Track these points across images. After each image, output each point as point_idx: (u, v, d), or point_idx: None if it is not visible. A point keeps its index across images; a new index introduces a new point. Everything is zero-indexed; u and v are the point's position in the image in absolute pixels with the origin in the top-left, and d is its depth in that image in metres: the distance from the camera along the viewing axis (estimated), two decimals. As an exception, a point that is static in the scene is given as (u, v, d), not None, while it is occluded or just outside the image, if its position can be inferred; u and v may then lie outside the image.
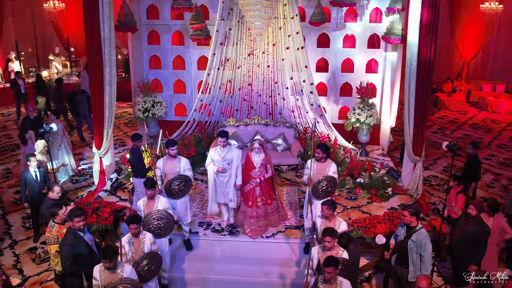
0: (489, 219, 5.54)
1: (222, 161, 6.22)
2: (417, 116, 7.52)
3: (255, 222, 6.33)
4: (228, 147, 6.30)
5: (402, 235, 5.09)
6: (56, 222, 5.17)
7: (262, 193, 6.34)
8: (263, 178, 6.24)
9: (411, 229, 4.97)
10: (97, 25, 7.24)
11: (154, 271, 4.78)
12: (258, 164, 6.23)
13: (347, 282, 4.13)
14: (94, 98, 7.76)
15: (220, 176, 6.28)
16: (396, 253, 5.13)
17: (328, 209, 5.03)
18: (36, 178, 6.73)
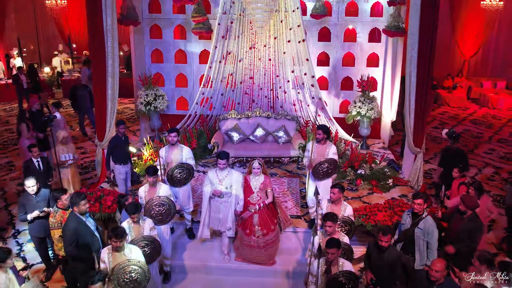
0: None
1: (219, 184, 5.61)
2: (417, 108, 7.55)
3: (249, 251, 5.80)
4: (228, 169, 5.69)
5: (408, 224, 5.11)
6: (59, 207, 5.23)
7: (261, 222, 5.70)
8: (262, 205, 5.64)
9: (417, 217, 5.01)
10: (100, 18, 7.30)
11: (151, 255, 4.82)
12: (256, 189, 5.66)
13: (348, 263, 4.18)
14: (96, 91, 7.81)
15: (216, 200, 5.69)
16: (402, 241, 5.16)
17: (339, 192, 5.09)
18: (39, 168, 6.78)
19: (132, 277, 4.29)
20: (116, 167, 6.84)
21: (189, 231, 6.34)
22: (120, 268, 4.24)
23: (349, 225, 5.12)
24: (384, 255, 4.55)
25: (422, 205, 4.91)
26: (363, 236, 6.24)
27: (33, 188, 5.53)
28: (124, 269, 4.25)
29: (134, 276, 4.29)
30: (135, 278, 4.30)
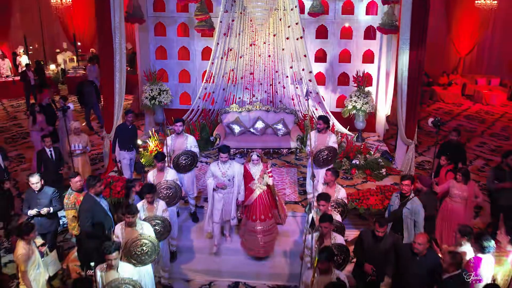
0: (464, 186, 6.02)
1: (222, 177, 5.93)
2: (409, 101, 7.96)
3: (263, 237, 6.04)
4: (229, 162, 6.01)
5: (397, 205, 5.51)
6: (73, 190, 5.63)
7: (264, 206, 6.07)
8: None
9: (405, 198, 5.41)
10: (108, 16, 7.72)
11: (162, 233, 5.23)
12: (256, 176, 6.01)
13: (340, 237, 4.60)
14: (104, 85, 8.24)
15: (219, 192, 6.01)
16: (391, 221, 5.56)
17: (332, 175, 5.52)
18: (51, 157, 7.21)
19: (143, 250, 4.70)
20: (121, 153, 7.32)
21: (193, 215, 6.76)
22: (133, 242, 4.66)
23: (342, 206, 5.54)
24: (381, 244, 4.77)
25: (409, 186, 5.31)
26: (356, 219, 6.66)
27: (37, 185, 5.70)
28: (136, 243, 4.67)
29: (145, 249, 4.71)
30: (146, 251, 4.72)
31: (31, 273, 4.61)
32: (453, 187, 6.14)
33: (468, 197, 6.12)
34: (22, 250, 4.53)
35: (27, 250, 4.55)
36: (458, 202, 6.13)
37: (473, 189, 6.26)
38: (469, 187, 6.16)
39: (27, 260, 4.54)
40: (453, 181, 6.19)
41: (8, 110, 14.10)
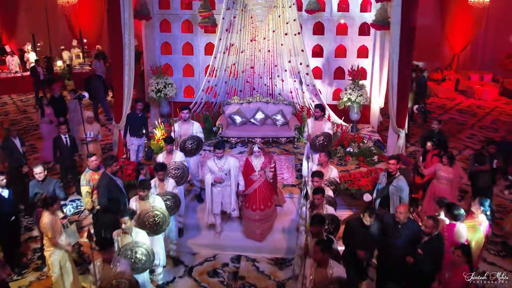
0: (450, 168, 6.55)
1: (219, 171, 6.23)
2: (399, 92, 8.51)
3: (261, 225, 6.42)
4: (225, 157, 6.29)
5: (384, 183, 6.05)
6: (90, 168, 6.18)
7: (264, 196, 6.39)
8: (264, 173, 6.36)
9: (392, 176, 5.94)
10: (118, 13, 8.26)
11: (172, 208, 5.79)
12: (258, 168, 6.30)
13: (331, 208, 5.16)
14: (114, 78, 8.79)
15: (217, 186, 6.33)
16: (379, 198, 6.08)
17: (325, 156, 6.08)
18: (66, 144, 7.77)
19: (155, 220, 5.27)
20: (130, 139, 7.92)
21: (198, 196, 7.31)
22: (146, 213, 5.22)
23: (335, 185, 6.08)
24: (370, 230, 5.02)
25: (395, 165, 5.86)
26: (348, 199, 7.22)
27: (41, 174, 5.93)
28: (148, 214, 5.23)
29: (157, 220, 5.27)
30: (158, 221, 5.28)
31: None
32: (440, 169, 6.67)
33: (453, 179, 6.65)
34: (47, 219, 5.09)
35: (51, 220, 5.10)
36: (444, 184, 6.64)
37: (458, 171, 6.79)
38: (454, 170, 6.69)
39: (52, 228, 5.10)
40: (439, 164, 6.72)
41: (17, 104, 14.67)
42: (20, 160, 7.48)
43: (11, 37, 18.26)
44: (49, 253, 5.22)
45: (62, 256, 5.29)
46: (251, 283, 5.89)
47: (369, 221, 4.93)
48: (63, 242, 5.25)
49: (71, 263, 5.46)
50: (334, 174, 6.14)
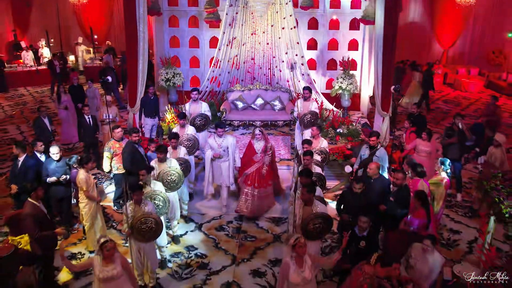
0: (428, 143, 7.59)
1: (218, 148, 7.10)
2: (384, 79, 9.56)
3: (251, 200, 7.00)
4: (224, 136, 7.16)
5: (367, 154, 6.98)
6: (114, 138, 7.23)
7: (261, 175, 6.99)
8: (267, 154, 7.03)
9: (373, 148, 6.92)
10: (134, 7, 9.32)
11: (184, 171, 6.82)
12: (259, 150, 7.01)
13: (318, 168, 6.22)
14: (129, 66, 9.83)
15: (217, 161, 7.16)
16: (364, 167, 6.88)
17: (317, 129, 7.15)
18: (89, 123, 8.85)
19: (172, 179, 6.32)
20: (145, 119, 9.03)
21: (206, 168, 8.36)
22: (164, 172, 6.29)
23: (324, 154, 7.13)
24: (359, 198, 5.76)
25: (376, 140, 6.82)
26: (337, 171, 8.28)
27: (57, 155, 6.51)
28: (166, 173, 6.29)
29: (173, 178, 6.33)
30: (174, 179, 6.34)
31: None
32: (419, 144, 7.62)
33: (431, 151, 7.67)
34: (82, 175, 6.14)
35: (86, 176, 6.16)
36: (423, 156, 7.54)
37: (435, 145, 7.82)
38: (431, 144, 7.73)
39: (86, 183, 6.16)
40: (419, 140, 7.67)
41: (34, 96, 15.74)
42: (49, 137, 8.58)
43: (24, 34, 19.33)
44: (83, 205, 6.28)
45: (93, 208, 6.34)
46: (251, 235, 6.95)
47: (357, 188, 5.63)
48: (94, 195, 6.30)
49: (101, 215, 6.50)
50: (324, 145, 7.19)
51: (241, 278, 5.94)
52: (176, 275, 5.99)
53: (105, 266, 4.49)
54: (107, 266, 4.48)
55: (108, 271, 4.47)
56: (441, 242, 6.78)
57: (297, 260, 4.38)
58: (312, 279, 4.46)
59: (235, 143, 7.25)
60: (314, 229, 5.06)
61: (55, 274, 5.99)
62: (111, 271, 4.47)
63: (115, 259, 4.53)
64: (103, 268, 4.47)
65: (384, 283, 4.41)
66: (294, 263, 4.37)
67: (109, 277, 4.47)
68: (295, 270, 4.34)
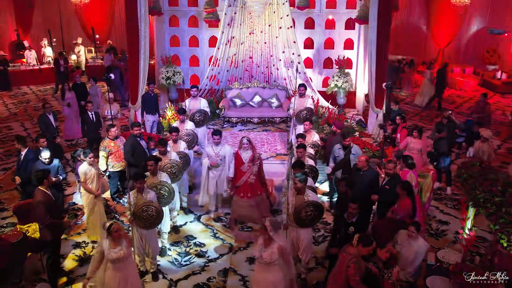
0: (419, 140, 7.86)
1: (216, 156, 7.04)
2: (377, 78, 9.89)
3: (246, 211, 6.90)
4: (221, 144, 7.13)
5: (342, 154, 6.99)
6: (108, 137, 7.52)
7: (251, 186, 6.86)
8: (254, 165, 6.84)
9: (347, 147, 7.01)
10: (135, 7, 9.64)
11: (184, 165, 7.13)
12: (246, 160, 6.82)
13: (311, 161, 6.54)
14: (131, 64, 10.16)
15: (213, 170, 7.10)
16: (342, 168, 7.03)
17: (309, 124, 7.45)
18: (92, 119, 9.16)
19: (172, 171, 6.63)
20: (146, 116, 9.34)
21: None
22: (165, 165, 6.59)
23: (316, 147, 7.44)
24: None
25: (350, 140, 7.01)
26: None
27: (47, 160, 6.60)
28: (167, 165, 6.60)
29: (174, 170, 6.64)
30: (174, 171, 6.64)
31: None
32: (411, 142, 7.74)
33: (422, 148, 7.93)
34: (82, 168, 6.47)
35: (86, 169, 6.47)
36: (415, 154, 7.56)
37: (425, 141, 8.10)
38: (422, 141, 8.01)
39: (84, 175, 6.46)
40: (410, 138, 7.83)
41: (37, 94, 16.06)
42: (53, 132, 8.89)
43: (26, 33, 19.64)
44: (83, 196, 6.63)
45: (90, 200, 6.62)
46: (248, 225, 7.25)
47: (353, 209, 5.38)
48: (93, 188, 6.57)
49: (99, 208, 6.73)
50: (316, 138, 7.51)
51: (238, 265, 6.25)
52: (176, 262, 6.31)
53: (113, 248, 4.79)
54: (115, 248, 4.79)
55: (116, 252, 4.78)
56: (430, 232, 7.09)
57: (266, 241, 4.74)
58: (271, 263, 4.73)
59: (232, 153, 7.20)
60: (306, 217, 5.38)
61: (60, 261, 6.29)
62: (119, 252, 4.78)
63: (122, 241, 4.83)
64: (111, 250, 4.78)
65: (370, 266, 4.70)
66: (263, 241, 4.76)
67: (117, 258, 4.78)
68: (259, 246, 4.77)
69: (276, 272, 4.77)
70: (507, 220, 3.63)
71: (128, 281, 4.89)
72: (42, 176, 5.80)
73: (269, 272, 4.77)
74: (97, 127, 9.20)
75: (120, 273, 4.84)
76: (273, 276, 4.79)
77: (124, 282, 4.86)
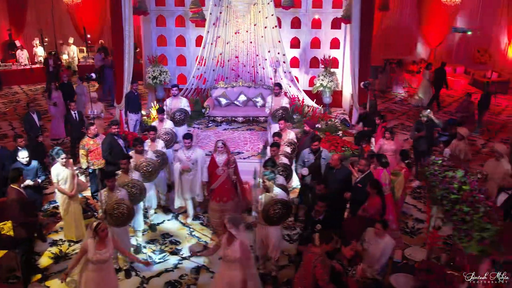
0: (392, 141, 7.85)
1: (187, 161, 6.84)
2: (360, 76, 9.95)
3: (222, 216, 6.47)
4: (193, 148, 6.92)
5: (312, 159, 6.81)
6: (88, 136, 7.54)
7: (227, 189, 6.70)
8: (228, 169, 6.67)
9: (317, 151, 6.84)
10: (120, 8, 9.69)
11: (161, 164, 7.16)
12: (221, 164, 6.65)
13: (285, 158, 6.58)
14: (116, 64, 10.22)
15: (186, 174, 6.93)
16: (311, 173, 6.80)
17: (284, 123, 7.49)
18: (75, 118, 9.21)
19: (148, 169, 6.67)
20: (129, 115, 9.39)
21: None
22: (141, 163, 6.64)
23: (293, 145, 7.47)
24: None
25: (318, 145, 6.86)
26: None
27: (25, 159, 6.56)
28: (143, 164, 6.64)
29: (149, 169, 6.67)
30: (150, 170, 6.68)
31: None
32: (384, 144, 7.53)
33: (396, 149, 7.94)
34: (54, 169, 6.49)
35: (58, 169, 6.48)
36: (389, 155, 7.19)
37: (399, 142, 8.13)
38: (396, 142, 8.03)
39: (56, 176, 6.48)
40: (382, 140, 7.62)
41: (27, 93, 16.13)
42: (37, 132, 8.94)
43: (19, 33, 19.70)
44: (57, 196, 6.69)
45: (65, 200, 6.65)
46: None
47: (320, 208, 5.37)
48: (65, 189, 6.57)
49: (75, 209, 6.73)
50: (292, 136, 7.55)
51: (211, 263, 6.29)
52: (149, 260, 6.35)
53: (98, 249, 4.75)
54: (101, 249, 4.76)
55: (101, 254, 4.75)
56: (405, 230, 7.14)
57: (228, 239, 4.81)
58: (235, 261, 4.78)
59: (204, 156, 7.06)
60: (274, 215, 5.43)
61: (36, 258, 6.35)
62: (103, 254, 4.76)
63: (107, 242, 4.83)
64: (96, 251, 4.73)
65: (334, 263, 4.75)
66: (226, 240, 4.83)
67: (101, 259, 4.76)
68: (223, 244, 4.84)
69: (236, 272, 4.82)
70: (459, 218, 3.68)
71: (106, 282, 4.92)
72: (16, 174, 5.85)
73: (231, 271, 4.82)
74: (80, 126, 9.24)
75: (100, 274, 4.81)
76: (231, 276, 4.83)
77: (103, 283, 4.87)
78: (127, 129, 9.74)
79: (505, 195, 5.88)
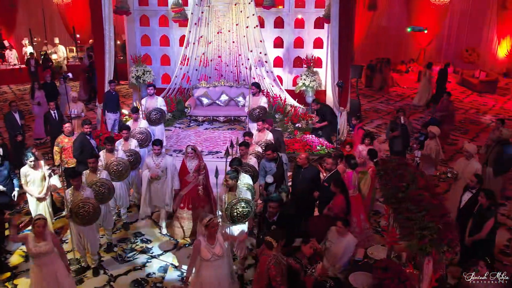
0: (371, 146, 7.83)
1: (156, 168, 6.57)
2: (340, 75, 9.96)
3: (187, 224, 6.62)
4: (162, 155, 6.67)
5: (274, 168, 6.57)
6: (64, 133, 7.57)
7: (194, 196, 6.53)
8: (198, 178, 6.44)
9: (277, 159, 6.59)
10: (100, 8, 9.72)
11: (134, 163, 7.19)
12: (191, 170, 6.47)
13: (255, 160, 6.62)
14: (97, 64, 10.25)
15: (155, 182, 6.64)
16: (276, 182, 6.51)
17: (263, 124, 7.50)
18: (55, 118, 9.25)
19: (119, 169, 6.70)
20: (107, 114, 9.42)
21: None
22: (111, 163, 6.67)
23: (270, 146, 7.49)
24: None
25: (272, 154, 6.52)
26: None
27: None
28: (113, 163, 6.67)
29: (120, 168, 6.71)
30: (121, 169, 6.72)
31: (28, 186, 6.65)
32: (363, 150, 7.22)
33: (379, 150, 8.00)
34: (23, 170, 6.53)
35: (26, 171, 6.52)
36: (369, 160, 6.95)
37: (378, 147, 8.09)
38: (375, 146, 8.04)
39: (24, 177, 6.52)
40: (362, 146, 7.37)
41: (16, 93, 16.17)
42: (18, 130, 8.97)
43: (10, 33, 19.74)
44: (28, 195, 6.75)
45: (33, 201, 6.71)
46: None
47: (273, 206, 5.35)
48: (32, 190, 6.61)
49: (44, 207, 6.78)
50: (269, 137, 7.55)
51: (180, 261, 6.33)
52: (119, 258, 6.40)
53: (37, 242, 4.89)
54: (39, 242, 4.89)
55: (41, 246, 4.87)
56: (377, 229, 7.18)
57: (209, 238, 4.77)
58: (224, 255, 4.85)
59: (174, 164, 6.72)
60: (238, 213, 5.46)
61: (6, 257, 6.39)
62: (43, 247, 4.88)
63: (46, 236, 4.93)
64: (35, 244, 4.88)
65: (292, 262, 4.79)
66: (206, 240, 4.77)
67: (41, 252, 4.88)
68: (206, 246, 4.73)
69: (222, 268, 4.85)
70: (404, 216, 3.71)
71: (56, 275, 4.97)
72: None
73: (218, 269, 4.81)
74: (60, 126, 9.26)
75: (45, 269, 4.92)
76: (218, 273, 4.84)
77: (51, 277, 4.94)
78: (106, 128, 9.78)
79: (469, 194, 5.92)
